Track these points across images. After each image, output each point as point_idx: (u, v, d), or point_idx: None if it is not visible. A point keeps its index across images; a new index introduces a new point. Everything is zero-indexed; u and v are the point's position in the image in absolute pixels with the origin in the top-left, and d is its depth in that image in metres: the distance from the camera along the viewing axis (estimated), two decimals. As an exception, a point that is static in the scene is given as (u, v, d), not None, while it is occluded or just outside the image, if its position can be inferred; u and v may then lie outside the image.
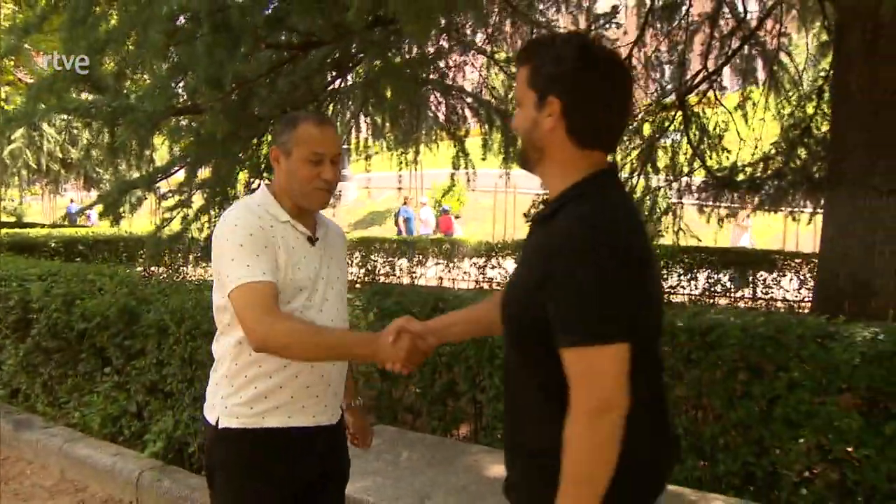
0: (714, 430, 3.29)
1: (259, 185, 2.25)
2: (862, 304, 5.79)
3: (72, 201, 28.60)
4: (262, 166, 6.05)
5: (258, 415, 2.02)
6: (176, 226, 6.40)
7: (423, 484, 3.02)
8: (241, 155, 5.98)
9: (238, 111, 4.67)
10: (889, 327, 3.05)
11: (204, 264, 8.59)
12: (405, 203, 19.65)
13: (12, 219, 25.29)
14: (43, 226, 16.55)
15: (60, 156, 17.65)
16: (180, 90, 4.81)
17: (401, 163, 9.82)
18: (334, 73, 6.06)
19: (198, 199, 6.42)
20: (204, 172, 6.48)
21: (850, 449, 2.95)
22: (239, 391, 2.03)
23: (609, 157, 1.62)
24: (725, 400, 3.24)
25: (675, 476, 3.34)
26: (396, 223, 19.81)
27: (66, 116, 8.85)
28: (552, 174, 1.56)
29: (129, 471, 4.11)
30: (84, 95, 5.92)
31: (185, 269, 10.06)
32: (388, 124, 9.01)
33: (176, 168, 6.51)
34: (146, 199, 6.79)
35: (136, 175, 6.98)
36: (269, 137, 5.96)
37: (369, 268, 14.44)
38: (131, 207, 6.68)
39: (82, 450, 4.43)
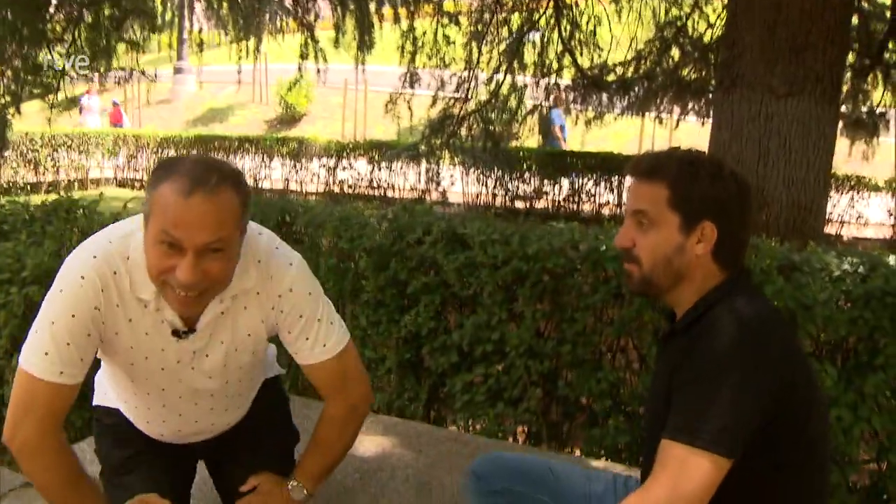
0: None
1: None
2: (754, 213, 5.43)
3: None
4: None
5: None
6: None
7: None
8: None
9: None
10: (866, 255, 2.42)
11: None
12: (556, 105, 10.94)
13: None
14: None
15: None
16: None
17: (240, 55, 8.69)
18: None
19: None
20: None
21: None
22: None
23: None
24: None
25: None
26: (548, 131, 11.93)
27: None
28: (684, 293, 1.44)
29: None
30: None
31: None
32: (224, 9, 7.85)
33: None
34: None
35: None
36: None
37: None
38: None
39: None
